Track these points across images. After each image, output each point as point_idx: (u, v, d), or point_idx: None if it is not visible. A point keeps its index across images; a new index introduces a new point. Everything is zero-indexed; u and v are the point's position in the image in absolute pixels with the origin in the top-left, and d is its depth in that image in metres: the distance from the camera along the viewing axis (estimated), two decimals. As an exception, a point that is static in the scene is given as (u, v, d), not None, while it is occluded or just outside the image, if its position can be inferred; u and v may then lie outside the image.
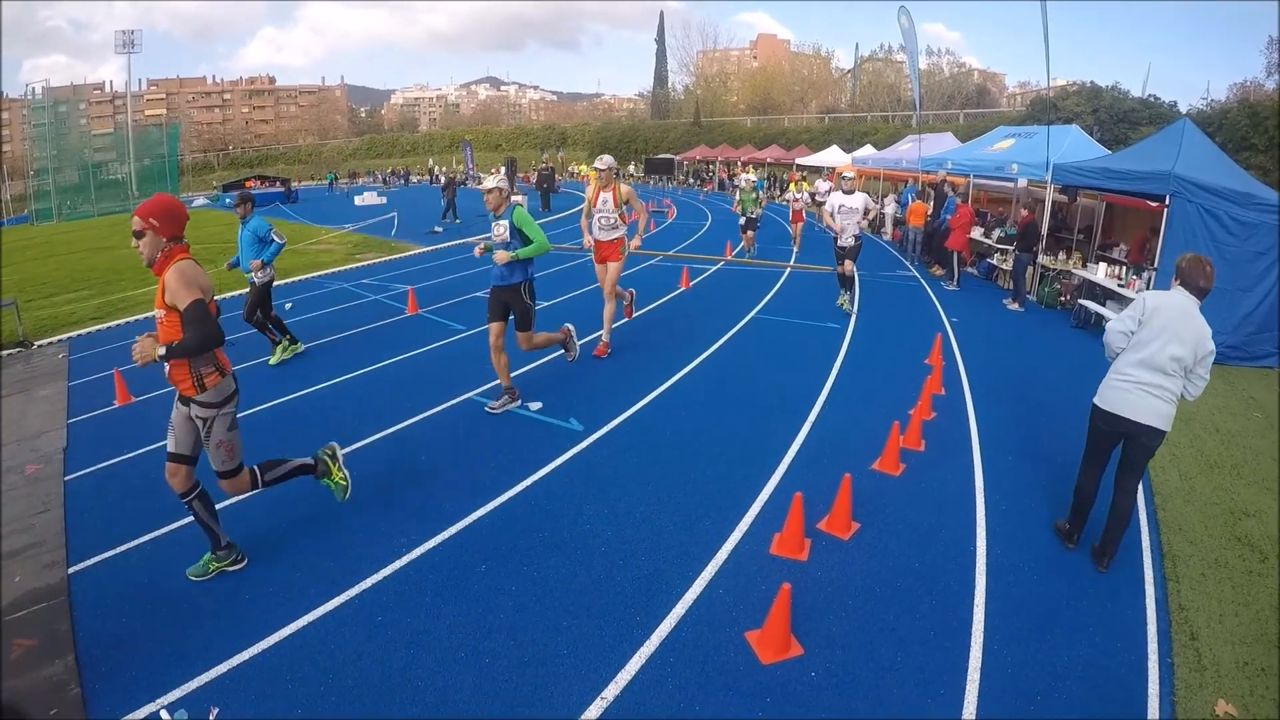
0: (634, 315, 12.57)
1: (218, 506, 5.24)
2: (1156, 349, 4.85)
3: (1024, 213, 14.14)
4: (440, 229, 26.35)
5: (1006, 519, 5.84)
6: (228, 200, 47.49)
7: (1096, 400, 5.19)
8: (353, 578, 5.00)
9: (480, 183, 10.05)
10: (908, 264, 18.84)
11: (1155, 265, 11.23)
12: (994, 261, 16.56)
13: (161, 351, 4.57)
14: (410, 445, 7.29)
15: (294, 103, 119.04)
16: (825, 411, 8.11)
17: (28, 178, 59.37)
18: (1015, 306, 13.76)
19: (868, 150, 33.18)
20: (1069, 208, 17.05)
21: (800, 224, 22.20)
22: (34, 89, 62.94)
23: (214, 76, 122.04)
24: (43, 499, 6.47)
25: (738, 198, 19.70)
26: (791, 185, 27.04)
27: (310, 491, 6.23)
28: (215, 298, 4.95)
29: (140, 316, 14.43)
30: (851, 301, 13.42)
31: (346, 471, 5.64)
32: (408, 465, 6.83)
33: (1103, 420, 5.14)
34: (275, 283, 10.55)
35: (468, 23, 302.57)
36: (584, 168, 44.35)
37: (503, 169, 41.57)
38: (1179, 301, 4.89)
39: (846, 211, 12.26)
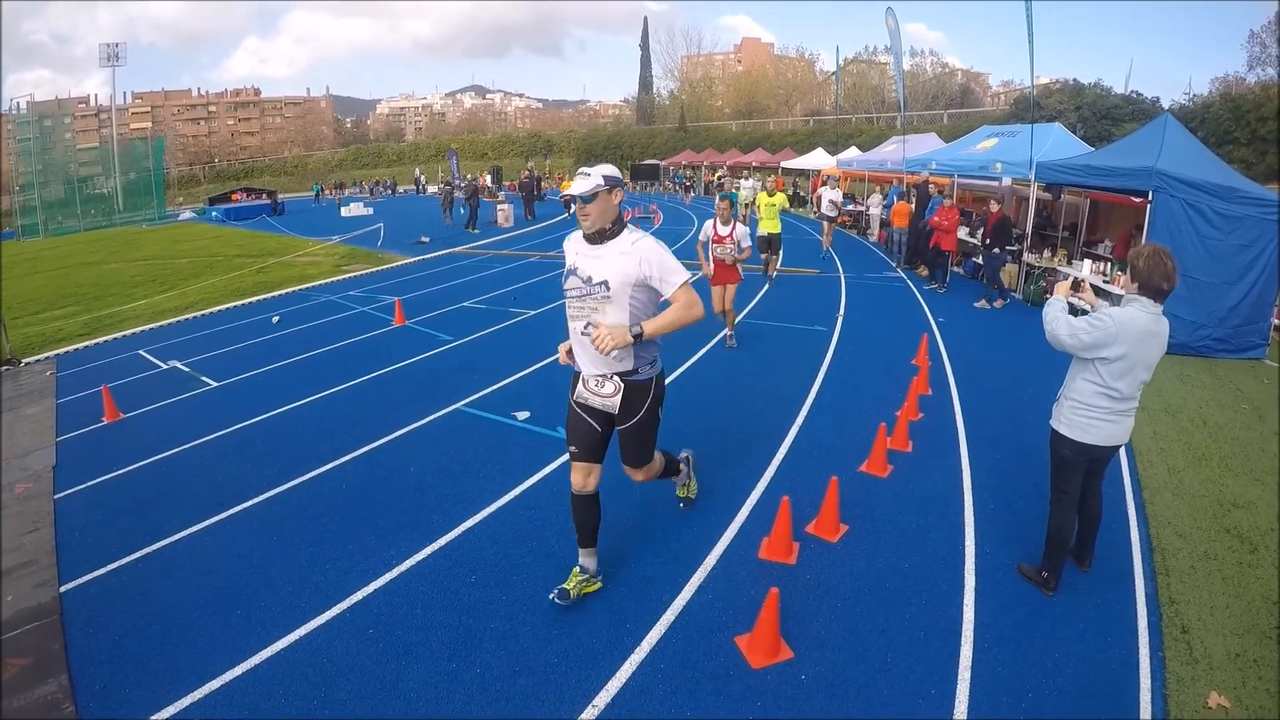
0: None
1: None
2: (1128, 383, 4.48)
3: (994, 208, 14.12)
4: (427, 239, 26.28)
5: (995, 518, 5.86)
6: (214, 213, 47.50)
7: (1066, 432, 4.75)
8: (343, 591, 4.99)
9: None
10: (893, 265, 18.88)
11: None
12: (980, 260, 16.60)
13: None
14: (399, 457, 7.28)
15: (279, 114, 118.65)
16: (812, 414, 8.13)
17: (13, 193, 59.01)
18: (998, 304, 13.77)
19: (853, 152, 33.31)
20: (1053, 205, 17.14)
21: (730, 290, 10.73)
22: (18, 104, 62.68)
23: (199, 89, 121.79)
24: (33, 518, 6.44)
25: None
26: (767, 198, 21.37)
27: (296, 508, 6.24)
28: None
29: (129, 332, 14.37)
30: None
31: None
32: (396, 477, 6.82)
33: (1076, 450, 4.73)
34: (262, 296, 10.41)
35: (450, 30, 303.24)
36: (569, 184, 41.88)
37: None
38: (1145, 326, 4.37)
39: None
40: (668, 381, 6.90)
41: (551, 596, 4.73)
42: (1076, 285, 4.97)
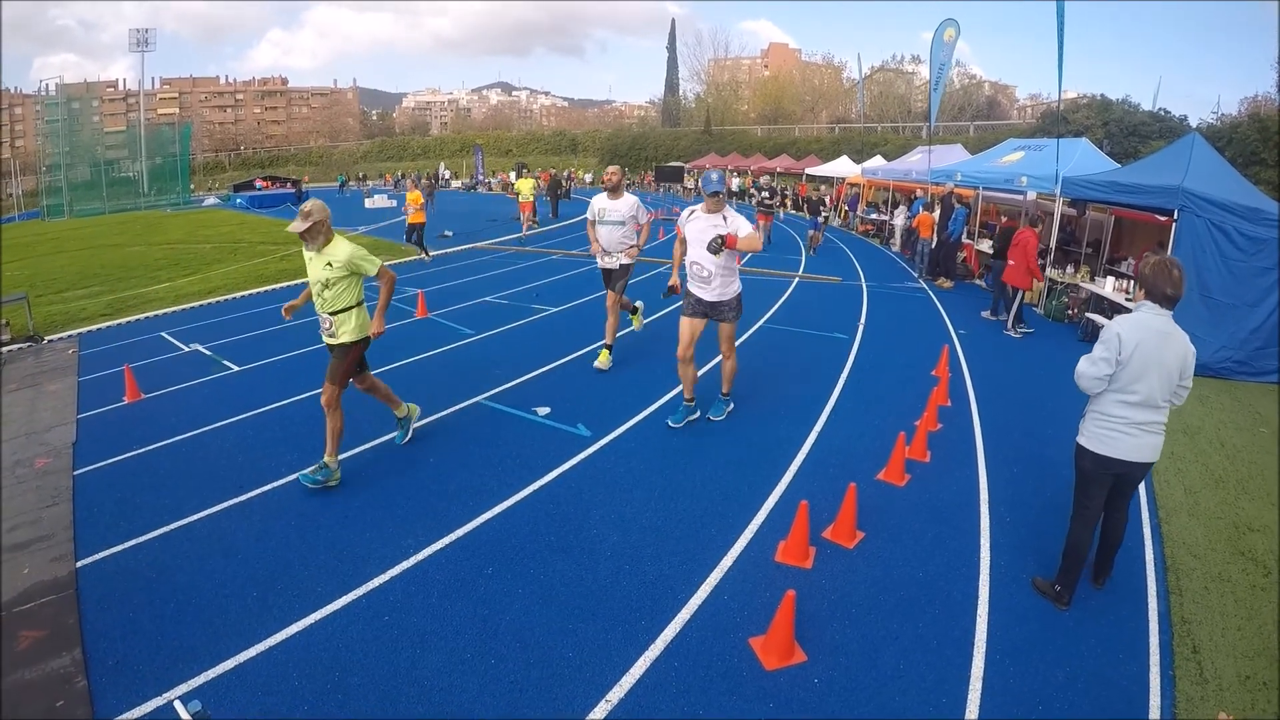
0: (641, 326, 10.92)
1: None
2: (1146, 389, 4.45)
3: (1003, 219, 13.90)
4: (450, 233, 26.29)
5: (1011, 530, 5.85)
6: (238, 200, 47.79)
7: (1086, 444, 4.75)
8: (360, 578, 5.03)
9: (490, 187, 9.61)
10: (915, 275, 18.82)
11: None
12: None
13: None
14: (419, 447, 7.32)
15: (306, 104, 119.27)
16: (831, 421, 8.13)
17: (40, 173, 59.57)
18: (985, 314, 13.54)
19: (878, 161, 33.18)
20: (1078, 221, 17.05)
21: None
22: (48, 85, 63.22)
23: (227, 77, 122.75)
24: (51, 493, 6.52)
25: None
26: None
27: (315, 494, 6.28)
28: None
29: (151, 314, 14.49)
30: None
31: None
32: (417, 467, 6.87)
33: (1097, 464, 4.71)
34: (285, 283, 10.46)
35: (472, 27, 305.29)
36: (581, 171, 37.76)
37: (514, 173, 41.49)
38: (1153, 325, 4.43)
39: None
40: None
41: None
42: None
